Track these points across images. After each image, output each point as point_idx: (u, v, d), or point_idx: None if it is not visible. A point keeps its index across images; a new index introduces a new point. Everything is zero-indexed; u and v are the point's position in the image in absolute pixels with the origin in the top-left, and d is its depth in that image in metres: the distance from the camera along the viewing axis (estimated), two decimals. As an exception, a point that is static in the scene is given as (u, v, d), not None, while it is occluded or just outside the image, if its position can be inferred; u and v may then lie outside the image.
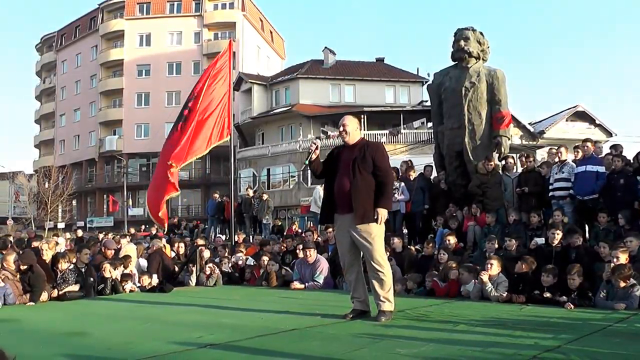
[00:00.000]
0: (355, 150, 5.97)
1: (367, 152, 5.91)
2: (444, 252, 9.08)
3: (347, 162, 5.91)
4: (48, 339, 5.09)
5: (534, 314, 6.27)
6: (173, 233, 19.87)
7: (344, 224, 5.98)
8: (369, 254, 5.87)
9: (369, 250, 5.85)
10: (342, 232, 6.03)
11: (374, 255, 5.83)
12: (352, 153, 5.96)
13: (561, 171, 10.34)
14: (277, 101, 45.89)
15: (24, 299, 8.14)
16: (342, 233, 6.04)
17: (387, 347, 4.46)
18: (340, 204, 5.95)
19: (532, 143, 38.11)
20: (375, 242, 5.84)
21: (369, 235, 5.82)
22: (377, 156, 5.94)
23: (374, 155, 5.92)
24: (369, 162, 5.87)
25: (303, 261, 10.09)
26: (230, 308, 7.25)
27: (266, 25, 62.60)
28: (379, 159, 5.94)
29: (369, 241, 5.82)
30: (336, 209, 6.03)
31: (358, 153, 5.92)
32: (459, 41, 12.00)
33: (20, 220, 48.65)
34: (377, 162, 5.90)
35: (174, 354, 4.35)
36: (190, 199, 53.45)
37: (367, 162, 5.87)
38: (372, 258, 5.84)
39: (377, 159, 5.92)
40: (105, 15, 58.92)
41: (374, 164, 5.88)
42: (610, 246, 7.56)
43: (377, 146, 6.20)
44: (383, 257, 5.93)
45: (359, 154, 5.91)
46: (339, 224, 6.07)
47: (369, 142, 6.19)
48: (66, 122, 62.08)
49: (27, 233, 19.24)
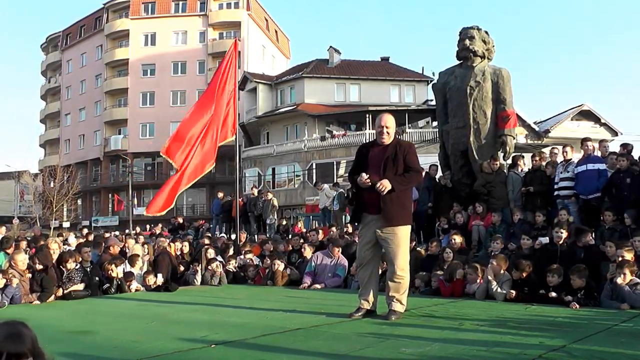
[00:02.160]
0: (387, 149, 5.90)
1: (399, 152, 5.85)
2: (449, 251, 9.07)
3: (379, 161, 5.85)
4: (54, 338, 5.10)
5: (539, 314, 6.26)
6: (178, 232, 19.93)
7: (371, 223, 5.92)
8: (393, 257, 5.82)
9: (393, 253, 5.81)
10: (368, 230, 5.97)
11: (398, 259, 5.80)
12: (384, 152, 5.89)
13: (566, 170, 10.32)
14: (282, 100, 45.91)
15: (30, 298, 8.17)
16: (368, 231, 5.98)
17: (393, 346, 4.46)
18: (369, 203, 5.88)
19: (537, 142, 37.97)
20: (400, 246, 5.82)
21: (396, 237, 5.79)
22: (408, 156, 5.87)
23: (406, 155, 5.86)
24: (401, 162, 5.81)
25: (325, 255, 10.11)
26: (235, 307, 7.25)
27: (271, 25, 62.60)
28: (411, 159, 5.88)
29: (395, 244, 5.79)
30: (365, 208, 5.97)
31: (390, 152, 5.85)
32: (464, 40, 12.00)
33: (26, 220, 48.75)
34: (409, 163, 5.85)
35: (179, 352, 4.36)
36: (195, 198, 53.49)
37: (398, 162, 5.81)
38: (396, 262, 5.81)
39: (408, 159, 5.86)
40: (110, 15, 59.03)
41: (405, 164, 5.83)
42: (617, 246, 7.53)
43: (409, 146, 6.11)
44: (406, 262, 5.91)
45: (391, 153, 5.84)
46: (366, 223, 6.00)
47: (400, 141, 6.13)
48: (71, 121, 62.23)
49: (34, 232, 19.31)
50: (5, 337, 2.06)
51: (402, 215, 5.84)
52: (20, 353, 2.06)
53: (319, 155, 40.32)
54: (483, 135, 11.69)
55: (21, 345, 2.08)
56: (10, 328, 2.11)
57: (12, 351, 2.04)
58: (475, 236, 10.83)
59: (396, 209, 5.75)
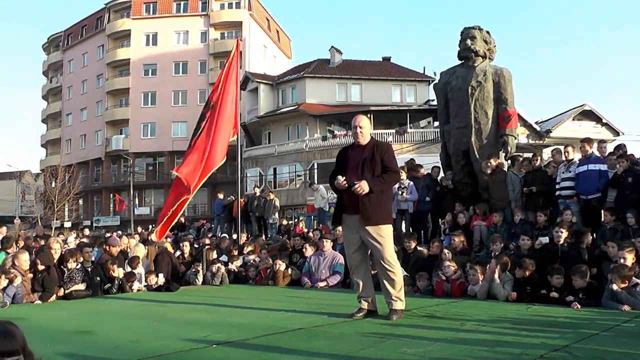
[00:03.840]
0: (365, 150, 5.95)
1: (376, 153, 5.90)
2: (447, 251, 9.06)
3: (357, 162, 5.90)
4: (55, 338, 5.10)
5: (541, 314, 6.26)
6: (179, 232, 19.91)
7: (352, 224, 5.96)
8: (379, 254, 5.85)
9: (379, 251, 5.84)
10: (351, 232, 6.01)
11: (384, 255, 5.83)
12: (361, 153, 5.94)
13: (568, 170, 10.29)
14: (283, 100, 45.92)
15: (32, 297, 8.17)
16: (350, 233, 6.02)
17: (394, 346, 4.45)
18: (348, 204, 5.93)
19: (538, 142, 37.94)
20: (385, 242, 5.83)
21: (378, 236, 5.81)
22: (386, 157, 5.92)
23: (383, 155, 5.91)
24: (378, 162, 5.86)
25: (318, 254, 10.14)
26: (236, 307, 7.25)
27: (272, 25, 62.63)
28: (388, 159, 5.93)
29: (379, 242, 5.81)
30: (345, 209, 6.01)
31: (368, 153, 5.90)
32: (466, 40, 11.98)
33: (27, 220, 48.81)
34: (386, 163, 5.89)
35: (180, 352, 4.36)
36: (197, 198, 53.49)
37: (376, 163, 5.85)
38: (383, 258, 5.83)
39: (386, 159, 5.90)
40: (112, 15, 59.10)
41: (382, 164, 5.87)
42: (619, 246, 7.51)
43: (387, 147, 6.17)
44: (393, 257, 5.92)
45: (369, 154, 5.90)
46: (347, 224, 6.05)
47: (378, 142, 6.18)
48: (73, 121, 62.31)
49: (37, 231, 19.35)
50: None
51: (380, 215, 5.85)
52: (12, 350, 2.19)
53: (321, 155, 40.31)
54: (484, 135, 11.68)
55: (13, 342, 2.21)
56: (1, 327, 2.25)
57: (5, 349, 2.18)
58: (477, 236, 10.81)
59: (375, 209, 5.78)
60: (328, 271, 9.93)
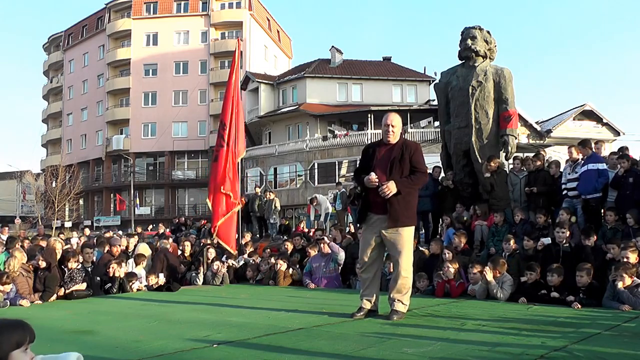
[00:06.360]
0: (394, 149, 5.88)
1: (405, 152, 5.83)
2: (447, 251, 9.05)
3: (385, 162, 5.83)
4: (56, 337, 5.11)
5: (541, 314, 6.26)
6: (179, 232, 19.91)
7: (376, 224, 5.90)
8: (398, 258, 5.83)
9: (399, 255, 5.81)
10: (372, 230, 5.95)
11: (403, 260, 5.81)
12: (390, 152, 5.87)
13: (574, 171, 10.24)
14: (284, 100, 45.88)
15: (33, 297, 8.17)
16: (372, 232, 5.95)
17: (395, 346, 4.45)
18: (374, 204, 5.87)
19: (539, 142, 37.92)
20: (405, 247, 5.81)
21: (401, 238, 5.78)
22: (415, 157, 5.85)
23: (412, 155, 5.84)
24: (407, 162, 5.80)
25: (319, 255, 10.19)
26: (237, 307, 7.25)
27: (273, 25, 62.62)
28: (417, 160, 5.86)
29: (400, 245, 5.79)
30: (371, 207, 5.95)
31: (397, 153, 5.83)
32: (466, 40, 11.98)
33: (28, 220, 48.82)
34: (415, 163, 5.84)
35: (181, 352, 4.36)
36: (197, 198, 53.55)
37: (405, 163, 5.79)
38: (401, 263, 5.81)
39: (414, 159, 5.84)
40: (113, 15, 59.10)
41: (411, 164, 5.82)
42: (619, 246, 7.50)
43: (416, 146, 6.06)
44: (410, 264, 5.91)
45: (398, 154, 5.82)
46: (371, 223, 5.97)
47: (407, 141, 6.09)
48: (73, 121, 62.29)
49: (38, 231, 19.36)
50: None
51: (407, 216, 5.82)
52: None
53: (321, 155, 40.30)
54: (485, 135, 11.67)
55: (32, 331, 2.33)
56: (18, 320, 2.33)
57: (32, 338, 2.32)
58: (477, 236, 10.80)
59: (402, 210, 5.74)
60: (329, 271, 9.95)
